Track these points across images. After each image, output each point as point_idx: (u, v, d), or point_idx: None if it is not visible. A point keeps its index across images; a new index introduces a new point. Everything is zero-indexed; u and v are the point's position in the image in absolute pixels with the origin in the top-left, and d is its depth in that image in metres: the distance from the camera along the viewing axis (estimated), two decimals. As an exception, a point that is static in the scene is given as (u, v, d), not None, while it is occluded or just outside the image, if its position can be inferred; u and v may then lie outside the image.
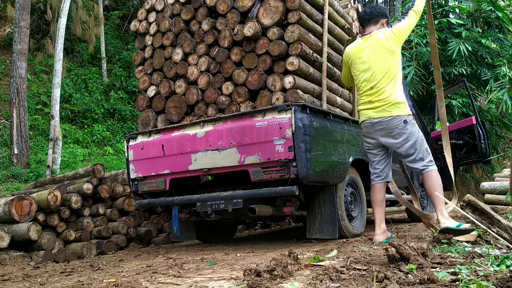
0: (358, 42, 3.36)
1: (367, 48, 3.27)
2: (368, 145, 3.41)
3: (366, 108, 3.27)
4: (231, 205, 3.61)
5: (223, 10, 3.92)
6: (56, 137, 7.64)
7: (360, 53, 3.29)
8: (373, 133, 3.29)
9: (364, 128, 3.35)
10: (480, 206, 2.69)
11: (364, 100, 3.29)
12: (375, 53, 3.23)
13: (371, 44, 3.25)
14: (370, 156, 3.45)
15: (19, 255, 3.87)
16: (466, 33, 9.39)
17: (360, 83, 3.31)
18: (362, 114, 3.33)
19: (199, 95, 4.03)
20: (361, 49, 3.30)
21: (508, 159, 13.05)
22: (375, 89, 3.22)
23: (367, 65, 3.25)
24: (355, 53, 3.33)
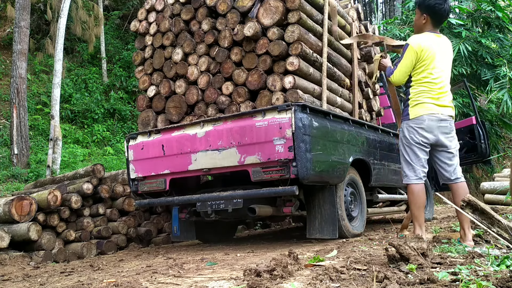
0: (434, 38, 3.17)
1: (443, 47, 3.19)
2: (425, 141, 3.10)
3: (433, 103, 3.09)
4: (231, 205, 3.61)
5: (223, 10, 3.92)
6: (56, 137, 7.64)
7: (439, 49, 3.16)
8: (435, 130, 3.08)
9: (428, 122, 3.08)
10: (480, 206, 2.68)
11: (432, 95, 3.10)
12: (448, 56, 3.23)
13: (445, 45, 3.22)
14: (422, 153, 3.12)
15: (19, 255, 3.87)
16: (466, 33, 9.40)
17: (433, 78, 3.11)
18: (426, 107, 3.10)
19: (199, 95, 4.03)
20: (439, 45, 3.17)
21: (508, 159, 13.05)
22: (446, 89, 3.17)
23: (443, 63, 3.16)
24: (434, 47, 3.13)
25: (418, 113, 3.10)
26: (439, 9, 3.11)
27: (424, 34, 3.17)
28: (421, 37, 3.14)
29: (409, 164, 3.14)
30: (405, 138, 3.16)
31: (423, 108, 3.09)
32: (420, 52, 3.10)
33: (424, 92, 3.12)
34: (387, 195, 4.75)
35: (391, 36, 9.94)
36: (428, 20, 3.16)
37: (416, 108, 3.11)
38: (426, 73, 3.12)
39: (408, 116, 3.14)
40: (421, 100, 3.11)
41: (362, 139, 4.16)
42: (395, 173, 4.82)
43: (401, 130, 3.22)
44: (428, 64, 3.11)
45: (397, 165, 4.91)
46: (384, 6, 24.19)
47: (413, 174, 3.11)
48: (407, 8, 10.75)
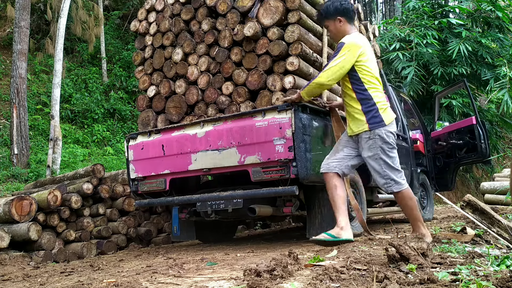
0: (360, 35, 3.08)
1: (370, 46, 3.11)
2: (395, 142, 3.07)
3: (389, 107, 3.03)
4: (231, 205, 3.60)
5: (223, 10, 3.92)
6: (56, 137, 7.65)
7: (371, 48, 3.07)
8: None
9: (395, 125, 3.06)
10: (480, 206, 2.69)
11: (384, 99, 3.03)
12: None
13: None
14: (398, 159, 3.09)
15: (19, 255, 3.87)
16: (466, 33, 9.41)
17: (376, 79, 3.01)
18: (391, 111, 3.06)
19: (199, 95, 4.03)
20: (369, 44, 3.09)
21: (508, 159, 13.05)
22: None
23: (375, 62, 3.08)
24: (368, 45, 3.03)
25: (390, 118, 3.01)
26: (347, 7, 3.06)
27: (355, 33, 3.05)
28: (355, 35, 3.01)
29: (396, 170, 3.01)
30: (387, 145, 2.97)
31: (391, 111, 3.03)
32: (359, 48, 2.93)
33: (383, 95, 3.02)
34: (387, 195, 4.74)
35: (391, 36, 9.95)
36: (344, 21, 3.06)
37: (387, 112, 3.00)
38: (373, 73, 2.99)
39: (384, 122, 2.96)
40: (387, 104, 3.03)
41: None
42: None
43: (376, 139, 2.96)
44: (366, 62, 2.97)
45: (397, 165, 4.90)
46: (384, 6, 24.20)
47: (402, 179, 3.01)
48: (407, 8, 10.75)
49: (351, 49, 2.90)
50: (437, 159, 6.03)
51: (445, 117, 9.24)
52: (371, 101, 2.96)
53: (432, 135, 6.14)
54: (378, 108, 2.96)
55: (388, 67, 9.77)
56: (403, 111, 5.81)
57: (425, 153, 6.05)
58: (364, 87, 2.97)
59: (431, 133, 6.17)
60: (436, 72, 9.37)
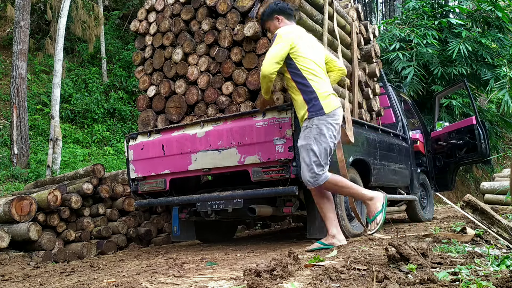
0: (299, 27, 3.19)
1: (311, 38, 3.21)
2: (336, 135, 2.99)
3: (335, 94, 3.01)
4: (231, 205, 3.60)
5: (223, 10, 3.92)
6: (56, 137, 7.65)
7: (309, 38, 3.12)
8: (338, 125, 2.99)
9: (340, 117, 2.99)
10: (480, 206, 2.69)
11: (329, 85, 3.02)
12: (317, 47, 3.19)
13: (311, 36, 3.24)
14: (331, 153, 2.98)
15: (19, 255, 3.87)
16: (466, 33, 9.41)
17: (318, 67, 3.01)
18: (336, 100, 2.97)
19: (199, 95, 4.03)
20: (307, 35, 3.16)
21: (508, 159, 13.05)
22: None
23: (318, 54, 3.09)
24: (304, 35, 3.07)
25: (332, 105, 2.90)
26: (283, 7, 3.19)
27: (291, 25, 3.13)
28: (288, 27, 3.09)
29: (322, 166, 2.92)
30: (322, 136, 2.87)
31: (334, 100, 2.94)
32: (293, 39, 2.96)
33: (325, 83, 2.96)
34: (387, 195, 4.74)
35: (391, 36, 9.94)
36: (282, 19, 3.18)
37: (328, 100, 2.91)
38: (312, 60, 2.98)
39: (323, 111, 2.87)
40: (329, 91, 2.95)
41: (362, 139, 4.16)
42: (395, 173, 4.82)
43: (312, 128, 2.89)
44: (308, 52, 2.99)
45: (397, 165, 4.91)
46: (384, 6, 24.20)
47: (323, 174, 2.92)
48: (407, 8, 10.75)
49: (283, 37, 2.93)
50: (437, 159, 6.03)
51: (445, 117, 9.24)
52: (310, 88, 2.93)
53: (432, 135, 6.14)
54: (317, 96, 2.91)
55: (388, 67, 9.77)
56: (403, 111, 5.82)
57: (425, 153, 6.05)
58: (302, 75, 2.96)
59: (431, 133, 6.17)
60: (436, 72, 9.37)
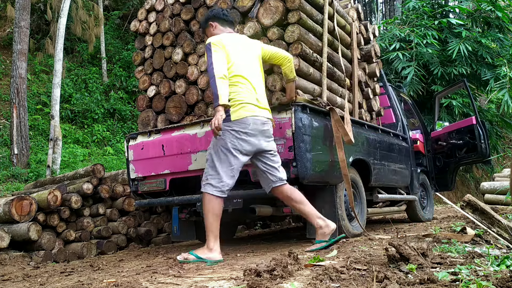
0: (232, 35, 3.16)
1: (246, 45, 3.16)
2: (247, 148, 2.90)
3: (254, 104, 2.93)
4: (231, 205, 3.60)
5: (223, 10, 3.92)
6: (56, 137, 7.65)
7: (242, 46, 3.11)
8: (259, 134, 2.92)
9: (253, 125, 2.88)
10: (480, 206, 2.69)
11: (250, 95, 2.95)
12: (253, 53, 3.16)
13: (248, 43, 3.20)
14: (237, 162, 2.90)
15: (19, 255, 3.87)
16: (466, 33, 9.41)
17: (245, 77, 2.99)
18: (249, 109, 2.91)
19: (199, 95, 4.02)
20: (241, 43, 3.13)
21: (508, 159, 13.06)
22: (261, 89, 3.09)
23: (251, 61, 3.08)
24: (235, 44, 3.06)
25: (241, 114, 2.88)
26: (217, 13, 3.26)
27: (221, 34, 3.13)
28: (219, 35, 3.08)
29: (217, 173, 2.88)
30: (224, 143, 2.87)
31: (246, 109, 2.90)
32: (223, 47, 2.96)
33: (242, 92, 2.94)
34: (387, 195, 4.75)
35: (391, 36, 9.94)
36: (217, 25, 3.24)
37: (239, 108, 2.89)
38: (236, 71, 2.97)
39: (229, 118, 2.87)
40: (245, 100, 2.91)
41: (362, 139, 4.16)
42: (395, 173, 4.82)
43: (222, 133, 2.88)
44: (236, 62, 2.98)
45: (397, 165, 4.91)
46: (384, 6, 24.20)
47: (216, 186, 2.87)
48: (407, 8, 10.75)
49: (214, 45, 2.94)
50: (437, 159, 6.04)
51: (445, 117, 9.24)
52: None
53: (432, 135, 6.14)
54: (230, 104, 2.90)
55: (388, 67, 9.77)
56: (403, 111, 5.82)
57: (425, 153, 6.05)
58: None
59: (431, 133, 6.18)
60: (436, 72, 9.37)
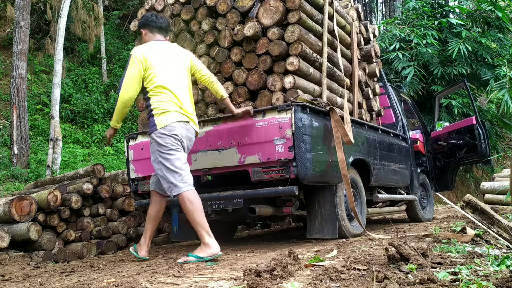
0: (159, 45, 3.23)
1: (172, 53, 3.23)
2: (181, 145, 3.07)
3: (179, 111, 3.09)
4: (231, 205, 3.60)
5: (223, 10, 3.92)
6: (56, 137, 7.64)
7: (168, 55, 3.20)
8: (184, 139, 3.10)
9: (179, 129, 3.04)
10: (480, 206, 2.69)
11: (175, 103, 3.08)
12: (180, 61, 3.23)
13: (175, 51, 3.27)
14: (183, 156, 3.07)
15: (19, 255, 3.87)
16: (466, 33, 9.41)
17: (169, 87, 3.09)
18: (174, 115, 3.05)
19: (199, 95, 4.03)
20: (167, 52, 3.21)
21: (508, 159, 13.06)
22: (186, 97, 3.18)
23: (175, 69, 3.18)
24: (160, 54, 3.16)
25: (166, 121, 3.02)
26: (146, 19, 3.31)
27: (148, 43, 3.24)
28: (144, 46, 3.19)
29: (175, 172, 2.97)
30: (162, 147, 2.99)
31: (171, 116, 3.04)
32: (145, 61, 3.07)
33: (165, 102, 3.06)
34: (387, 195, 4.75)
35: (391, 36, 9.94)
36: (147, 32, 3.31)
37: (163, 116, 3.03)
38: (158, 81, 3.07)
39: (156, 127, 3.04)
40: (168, 109, 3.05)
41: (362, 139, 4.17)
42: (395, 173, 4.82)
43: (153, 143, 3.06)
44: (158, 73, 3.08)
45: (397, 165, 4.91)
46: (384, 6, 24.19)
47: (181, 182, 2.97)
48: (407, 8, 10.75)
49: (133, 59, 3.08)
50: (437, 159, 6.04)
51: (445, 117, 9.24)
52: (150, 107, 3.11)
53: (432, 135, 6.14)
54: (153, 113, 3.07)
55: (388, 67, 9.77)
56: (403, 111, 5.82)
57: (425, 153, 6.05)
58: (147, 96, 3.14)
59: (431, 133, 6.18)
60: (436, 72, 9.37)
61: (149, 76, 3.08)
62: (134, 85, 3.08)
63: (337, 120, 3.53)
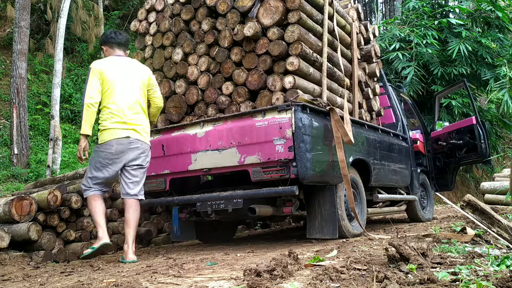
0: (117, 60, 3.48)
1: (128, 69, 3.48)
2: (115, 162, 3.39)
3: (120, 128, 3.32)
4: (231, 205, 3.60)
5: (223, 10, 3.92)
6: (56, 137, 7.64)
7: (123, 71, 3.44)
8: (126, 152, 3.35)
9: (116, 146, 3.32)
10: (480, 206, 2.69)
11: (117, 119, 3.33)
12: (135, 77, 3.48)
13: (132, 67, 3.51)
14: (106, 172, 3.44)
15: (19, 255, 3.87)
16: (466, 33, 9.40)
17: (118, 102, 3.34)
18: (112, 133, 3.31)
19: (199, 95, 4.03)
20: (123, 67, 3.46)
21: (508, 159, 13.06)
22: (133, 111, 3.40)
23: (129, 85, 3.41)
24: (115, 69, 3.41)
25: (104, 139, 3.32)
26: (105, 37, 3.59)
27: (107, 58, 3.53)
28: (103, 61, 3.47)
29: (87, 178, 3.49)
30: (95, 158, 3.43)
31: (108, 134, 3.31)
32: (101, 74, 3.34)
33: (110, 117, 3.32)
34: (387, 195, 4.75)
35: (391, 36, 9.94)
36: (107, 48, 3.58)
37: (103, 133, 3.34)
38: (110, 96, 3.32)
39: (97, 141, 3.39)
40: (108, 126, 3.32)
41: (362, 139, 4.17)
42: (395, 173, 4.82)
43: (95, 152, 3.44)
44: (111, 86, 3.33)
45: (397, 165, 4.91)
46: (384, 6, 24.19)
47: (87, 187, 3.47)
48: (407, 8, 10.75)
49: (92, 71, 3.37)
50: (437, 159, 6.04)
51: (445, 117, 9.24)
52: (98, 120, 3.41)
53: (432, 135, 6.14)
54: (98, 128, 3.40)
55: (388, 67, 9.77)
56: (403, 111, 5.82)
57: (425, 153, 6.05)
58: (100, 110, 3.40)
59: (431, 133, 6.18)
60: (436, 72, 9.37)
61: (103, 89, 3.34)
62: (95, 92, 3.32)
63: (337, 120, 3.54)
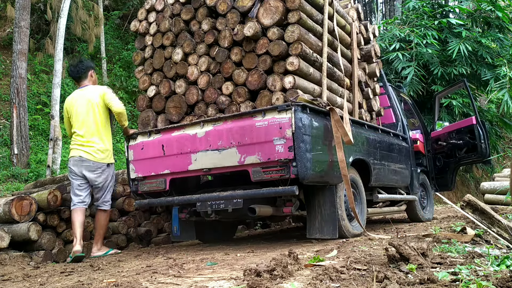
0: (76, 93, 4.23)
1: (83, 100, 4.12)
2: (77, 174, 4.05)
3: (78, 149, 4.08)
4: (231, 205, 3.60)
5: (223, 10, 3.92)
6: (56, 137, 7.64)
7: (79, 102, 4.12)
8: (80, 168, 4.02)
9: (73, 162, 4.06)
10: (480, 206, 2.69)
11: (77, 143, 4.10)
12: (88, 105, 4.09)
13: (86, 97, 4.13)
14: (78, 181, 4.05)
15: (19, 255, 3.87)
16: (466, 33, 9.41)
17: (77, 129, 4.10)
18: (73, 152, 4.12)
19: (199, 95, 4.03)
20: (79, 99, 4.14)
21: (508, 159, 13.06)
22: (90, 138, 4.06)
23: (83, 114, 4.09)
24: (74, 102, 4.16)
25: (70, 154, 4.15)
26: (70, 73, 4.34)
27: (73, 92, 4.30)
28: (69, 97, 4.27)
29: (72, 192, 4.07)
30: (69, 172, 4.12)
31: (72, 152, 4.13)
32: (66, 110, 4.22)
33: (73, 141, 4.14)
34: (387, 195, 4.75)
35: (391, 36, 9.94)
36: (76, 83, 4.37)
37: (70, 151, 4.17)
38: (74, 125, 4.13)
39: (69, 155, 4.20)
40: (72, 147, 4.15)
41: (362, 139, 4.17)
42: (395, 173, 4.82)
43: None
44: (72, 117, 4.15)
45: (397, 165, 4.91)
46: (384, 6, 24.20)
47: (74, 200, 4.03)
48: (407, 8, 10.75)
49: (64, 108, 4.30)
50: (437, 159, 6.04)
51: (445, 117, 9.24)
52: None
53: (432, 135, 6.14)
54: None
55: (388, 67, 9.77)
56: (403, 111, 5.82)
57: (425, 153, 6.05)
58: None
59: (431, 133, 6.18)
60: (436, 72, 9.37)
61: (71, 121, 4.18)
62: (67, 127, 4.30)
63: (337, 120, 3.54)
